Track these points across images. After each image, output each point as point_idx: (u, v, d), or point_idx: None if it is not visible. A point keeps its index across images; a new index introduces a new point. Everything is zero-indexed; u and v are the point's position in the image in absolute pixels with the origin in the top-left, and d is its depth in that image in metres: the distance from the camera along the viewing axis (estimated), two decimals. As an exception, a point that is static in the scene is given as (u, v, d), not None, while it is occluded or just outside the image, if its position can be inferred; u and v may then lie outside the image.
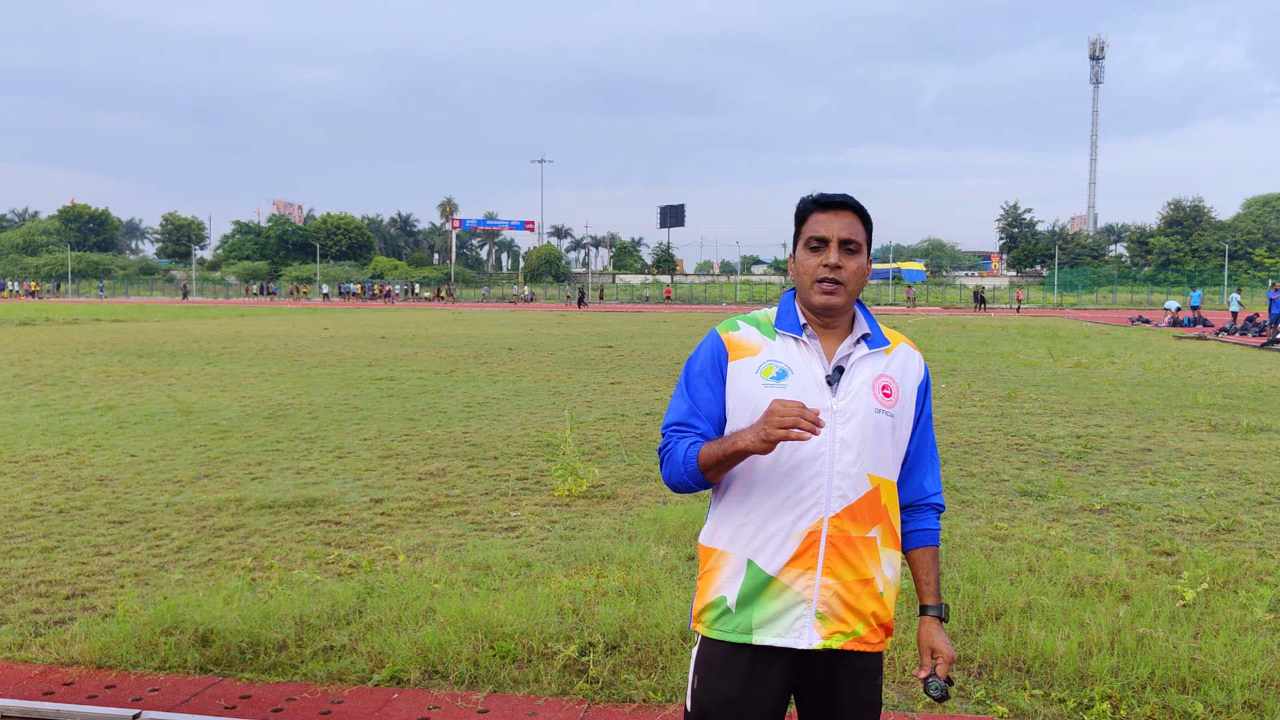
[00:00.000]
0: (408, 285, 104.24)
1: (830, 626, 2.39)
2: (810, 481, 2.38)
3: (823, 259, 2.44)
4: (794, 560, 2.38)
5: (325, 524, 7.41)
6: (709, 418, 2.48)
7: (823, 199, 2.48)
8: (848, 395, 2.42)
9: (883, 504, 2.45)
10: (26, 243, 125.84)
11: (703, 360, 2.53)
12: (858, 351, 2.48)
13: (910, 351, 2.57)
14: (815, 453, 2.38)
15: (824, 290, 2.43)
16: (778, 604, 2.39)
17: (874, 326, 2.54)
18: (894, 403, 2.47)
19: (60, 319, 41.44)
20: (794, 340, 2.47)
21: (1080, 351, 25.16)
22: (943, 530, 7.12)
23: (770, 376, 2.42)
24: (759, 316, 2.56)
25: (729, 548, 2.45)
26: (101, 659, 4.79)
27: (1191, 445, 10.96)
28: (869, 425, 2.41)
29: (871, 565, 2.42)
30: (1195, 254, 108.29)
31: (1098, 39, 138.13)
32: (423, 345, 27.36)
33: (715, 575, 2.46)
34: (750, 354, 2.47)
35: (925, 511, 2.59)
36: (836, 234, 2.44)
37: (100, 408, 13.69)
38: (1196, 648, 4.84)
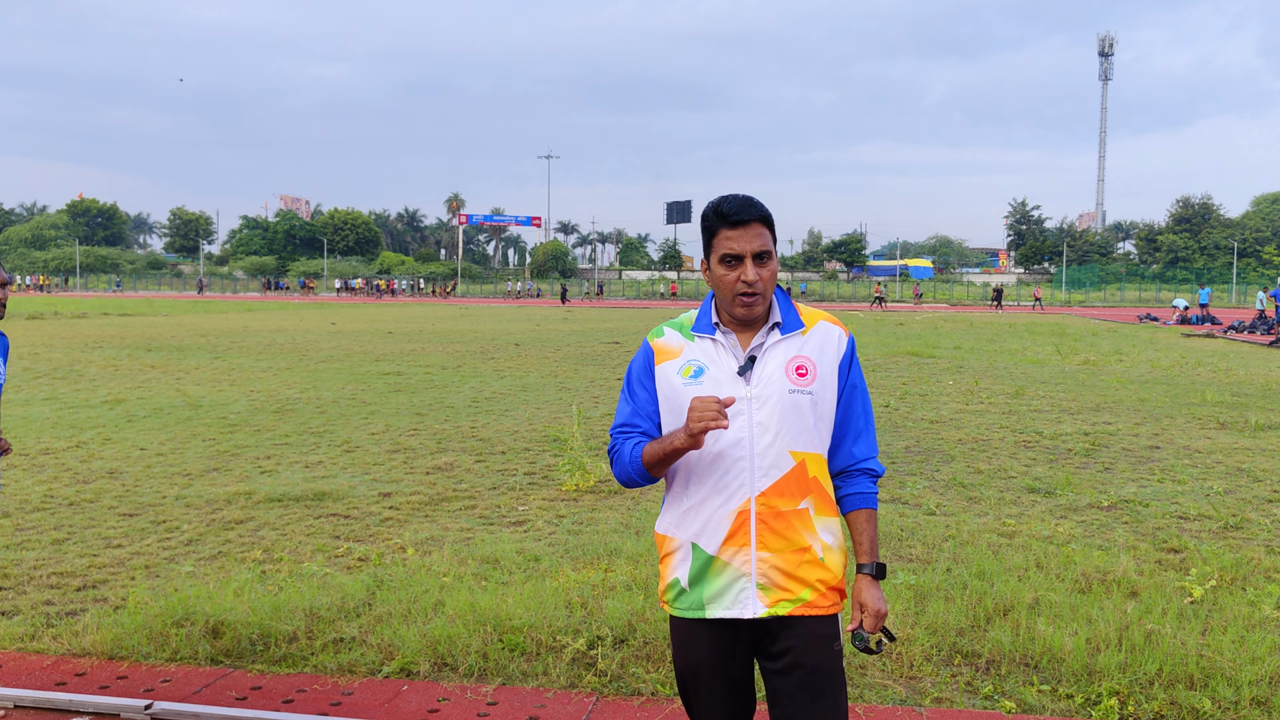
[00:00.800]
0: (414, 280, 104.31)
1: (773, 595, 2.58)
2: (734, 465, 2.58)
3: (740, 275, 2.59)
4: (729, 539, 2.59)
5: (334, 517, 7.44)
6: (648, 417, 2.72)
7: (730, 215, 2.59)
8: (761, 381, 2.60)
9: (811, 476, 2.62)
10: (35, 237, 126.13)
11: (637, 366, 2.77)
12: (770, 339, 2.65)
13: (829, 328, 2.71)
14: (736, 438, 2.57)
15: (744, 303, 2.60)
16: (722, 580, 2.60)
17: (788, 312, 2.69)
18: (810, 380, 2.62)
19: (69, 313, 41.57)
20: (709, 340, 2.67)
21: (1088, 349, 25.11)
22: (951, 526, 7.13)
23: (689, 376, 2.64)
24: (683, 320, 2.77)
25: (676, 534, 2.67)
26: (113, 650, 4.82)
27: (1200, 443, 10.95)
28: (785, 406, 2.58)
29: (806, 535, 2.60)
30: (1204, 252, 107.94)
31: (1107, 35, 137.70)
32: (430, 340, 27.41)
33: (670, 559, 2.70)
34: (672, 357, 2.69)
35: (856, 476, 2.73)
36: (749, 249, 2.58)
37: (109, 401, 13.74)
38: (1204, 644, 4.84)
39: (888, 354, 23.22)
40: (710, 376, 2.62)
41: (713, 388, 2.60)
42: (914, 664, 4.70)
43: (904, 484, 8.69)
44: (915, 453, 10.30)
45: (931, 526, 7.14)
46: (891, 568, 6.11)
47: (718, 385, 2.60)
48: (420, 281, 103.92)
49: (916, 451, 10.37)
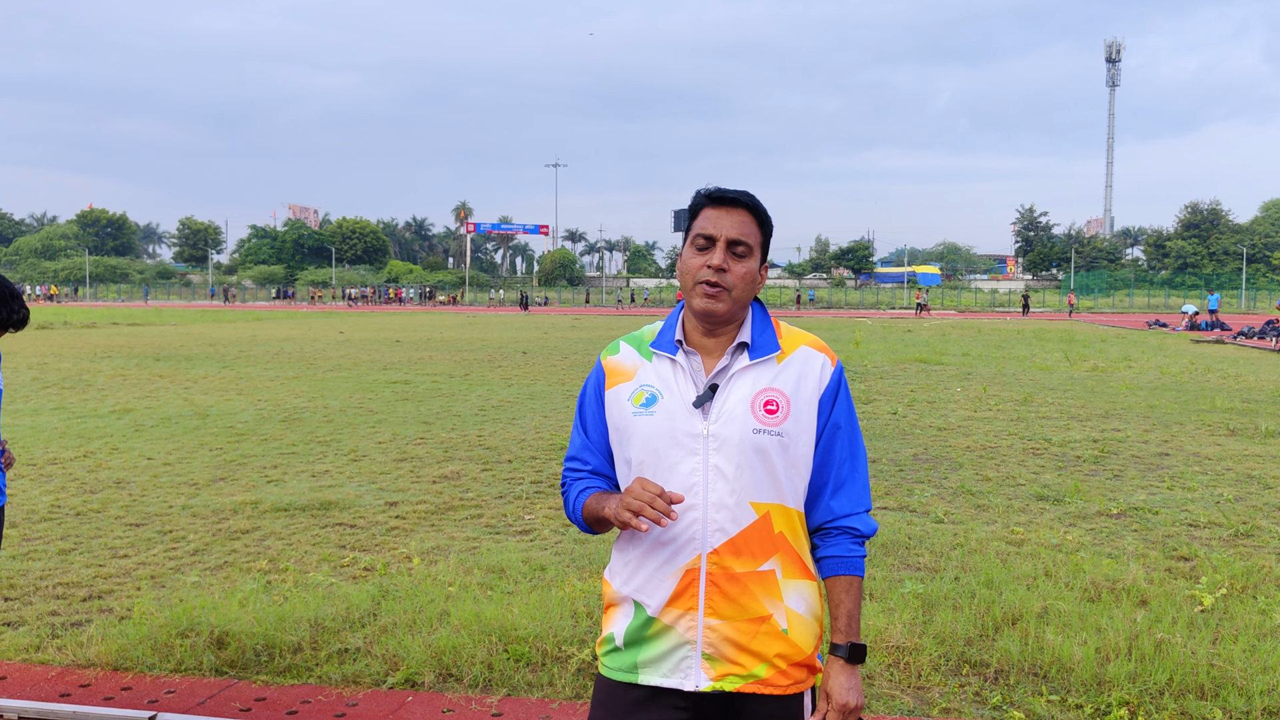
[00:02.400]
0: (422, 289, 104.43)
1: (720, 668, 2.20)
2: (684, 516, 2.19)
3: (707, 259, 2.21)
4: (673, 600, 2.21)
5: (340, 527, 7.43)
6: (600, 450, 2.36)
7: (717, 193, 2.25)
8: (720, 417, 2.20)
9: (777, 533, 2.22)
10: (45, 247, 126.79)
11: (589, 389, 2.39)
12: (736, 364, 2.24)
13: (811, 355, 2.28)
14: (688, 483, 2.18)
15: (705, 293, 2.21)
16: (662, 645, 2.23)
17: (762, 332, 2.29)
18: (781, 419, 2.20)
19: (78, 323, 41.70)
20: (669, 360, 2.27)
21: (1097, 355, 25.03)
22: (959, 534, 7.09)
23: (640, 404, 2.25)
24: (644, 335, 2.37)
25: (621, 587, 2.31)
26: (118, 661, 4.81)
27: (1209, 450, 10.89)
28: (747, 449, 2.18)
29: (768, 601, 2.20)
30: (1213, 257, 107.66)
31: (1114, 41, 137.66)
32: (437, 349, 27.43)
33: (611, 612, 2.34)
34: (625, 379, 2.30)
35: (835, 536, 2.29)
36: (725, 233, 2.22)
37: (117, 411, 13.77)
38: (1215, 654, 4.80)
39: (895, 361, 23.17)
40: (663, 407, 2.22)
41: (665, 420, 2.21)
42: (922, 674, 4.67)
43: (911, 491, 8.65)
44: (923, 460, 10.26)
45: (939, 534, 7.10)
46: (898, 576, 6.08)
47: (670, 417, 2.21)
48: (427, 289, 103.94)
49: (924, 459, 10.33)
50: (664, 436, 2.21)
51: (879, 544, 6.81)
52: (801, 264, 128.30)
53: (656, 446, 2.22)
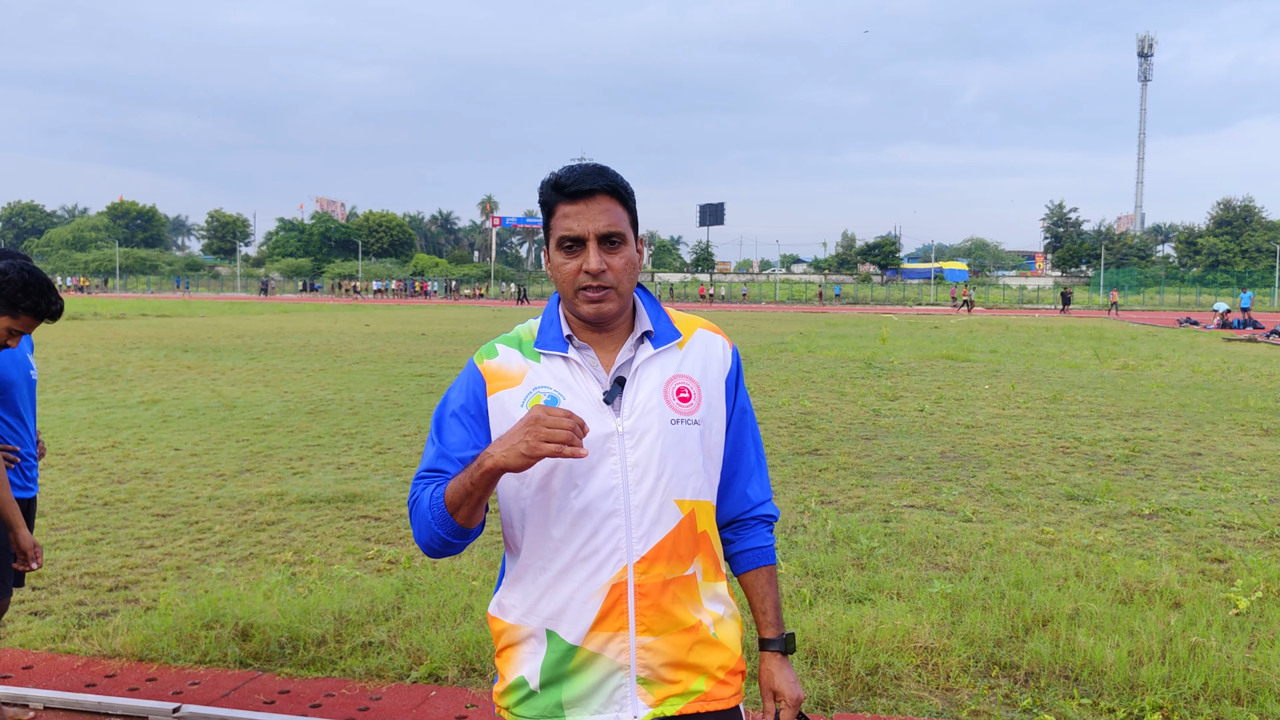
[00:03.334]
0: (447, 283, 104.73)
1: (660, 691, 2.02)
2: (605, 524, 1.99)
3: (581, 263, 2.00)
4: (599, 623, 1.99)
5: (365, 519, 7.43)
6: (463, 461, 2.02)
7: (568, 185, 2.01)
8: (635, 411, 2.01)
9: (700, 532, 2.06)
10: (76, 239, 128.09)
11: (456, 398, 2.10)
12: (641, 354, 2.07)
13: (710, 338, 2.15)
14: (606, 487, 1.98)
15: (589, 299, 2.00)
16: (589, 677, 2.00)
17: (659, 318, 2.12)
18: (695, 406, 2.06)
19: (108, 314, 42.10)
20: (560, 358, 2.06)
21: (1127, 353, 24.76)
22: (987, 533, 7.01)
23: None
24: (521, 333, 2.14)
25: (523, 619, 2.05)
26: (143, 652, 4.82)
27: (1243, 450, 10.72)
28: (668, 441, 2.01)
29: (692, 608, 2.04)
30: (1245, 255, 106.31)
31: (1146, 36, 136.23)
32: (462, 342, 27.49)
33: (512, 653, 2.08)
34: (511, 384, 2.06)
35: (753, 526, 2.18)
36: (594, 229, 1.99)
37: (145, 402, 13.86)
38: (1251, 658, 4.70)
39: (922, 358, 23.01)
40: (568, 406, 2.00)
41: None
42: (951, 675, 4.61)
43: (939, 489, 8.56)
44: (951, 458, 10.16)
45: (968, 534, 7.02)
46: (926, 575, 6.01)
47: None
48: (453, 283, 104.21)
49: (952, 457, 10.23)
50: None
51: (906, 542, 6.74)
52: (828, 259, 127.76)
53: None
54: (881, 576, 5.93)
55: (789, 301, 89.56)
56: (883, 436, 11.43)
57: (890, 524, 7.34)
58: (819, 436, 11.27)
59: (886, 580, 5.85)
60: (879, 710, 4.31)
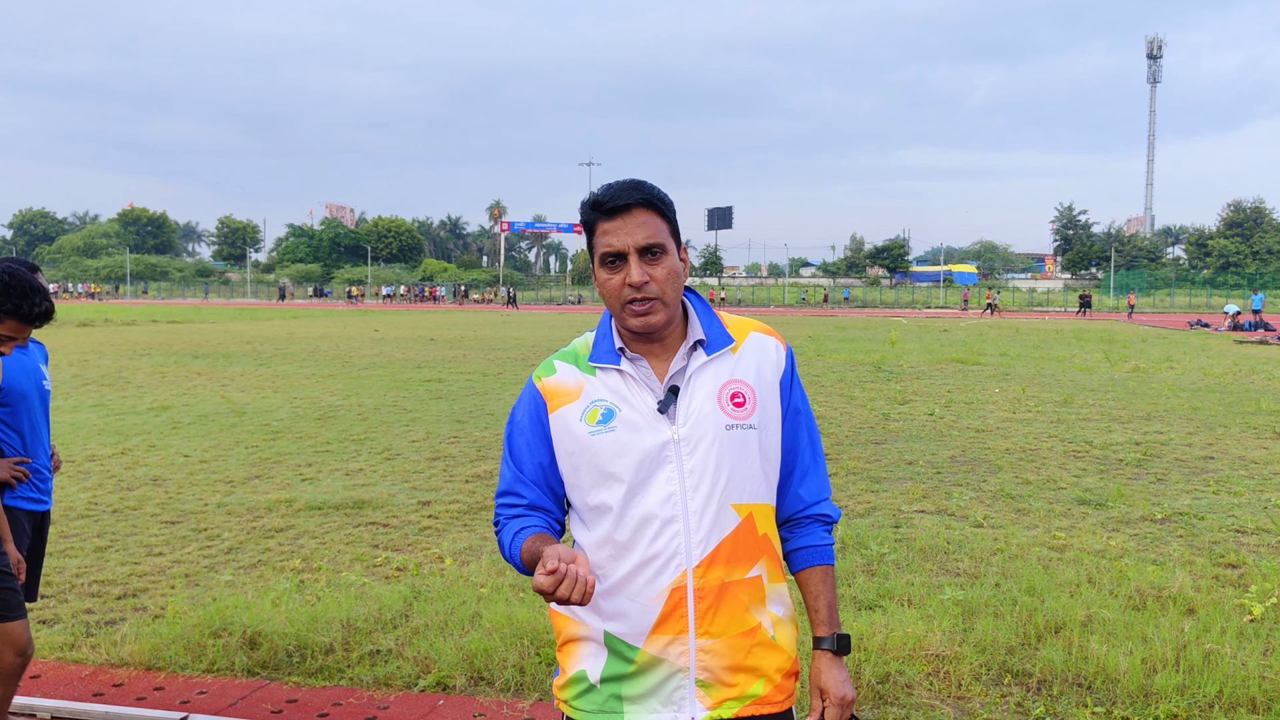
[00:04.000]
0: (456, 287, 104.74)
1: (718, 694, 2.05)
2: (664, 530, 2.04)
3: (624, 277, 2.05)
4: (659, 626, 2.04)
5: (373, 526, 7.42)
6: (536, 483, 2.16)
7: (605, 201, 2.06)
8: (689, 419, 2.06)
9: (761, 534, 2.11)
10: (87, 245, 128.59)
11: (521, 417, 2.19)
12: (694, 362, 2.11)
13: (763, 340, 2.18)
14: (664, 494, 2.04)
15: (636, 312, 2.05)
16: (649, 679, 2.05)
17: (711, 325, 2.16)
18: (750, 410, 2.09)
19: (119, 320, 42.23)
20: (615, 371, 2.11)
21: (1138, 356, 24.64)
22: (999, 539, 6.96)
23: (596, 422, 2.08)
24: (577, 348, 2.19)
25: (585, 618, 2.10)
26: (151, 660, 4.81)
27: (1256, 453, 10.65)
28: (724, 447, 2.06)
29: (755, 610, 2.08)
30: (1256, 256, 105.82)
31: (1155, 38, 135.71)
32: (471, 347, 27.50)
33: (573, 649, 2.14)
34: (570, 400, 2.12)
35: (808, 525, 2.21)
36: (633, 243, 2.04)
37: (155, 408, 13.89)
38: (1266, 665, 4.65)
39: (931, 361, 22.94)
40: (623, 420, 2.06)
41: (628, 433, 2.05)
42: (962, 683, 4.57)
43: (950, 494, 8.52)
44: (961, 462, 10.11)
45: (979, 539, 6.98)
46: (937, 582, 5.97)
47: (634, 429, 2.05)
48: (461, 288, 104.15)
49: (962, 461, 10.18)
50: (631, 451, 2.05)
51: (917, 548, 6.70)
52: (836, 263, 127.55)
53: (625, 462, 2.05)
54: (892, 583, 5.89)
55: (798, 305, 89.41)
56: (892, 441, 11.38)
57: (900, 529, 7.30)
58: (828, 441, 11.23)
59: (897, 587, 5.81)
60: (890, 718, 4.28)
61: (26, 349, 3.92)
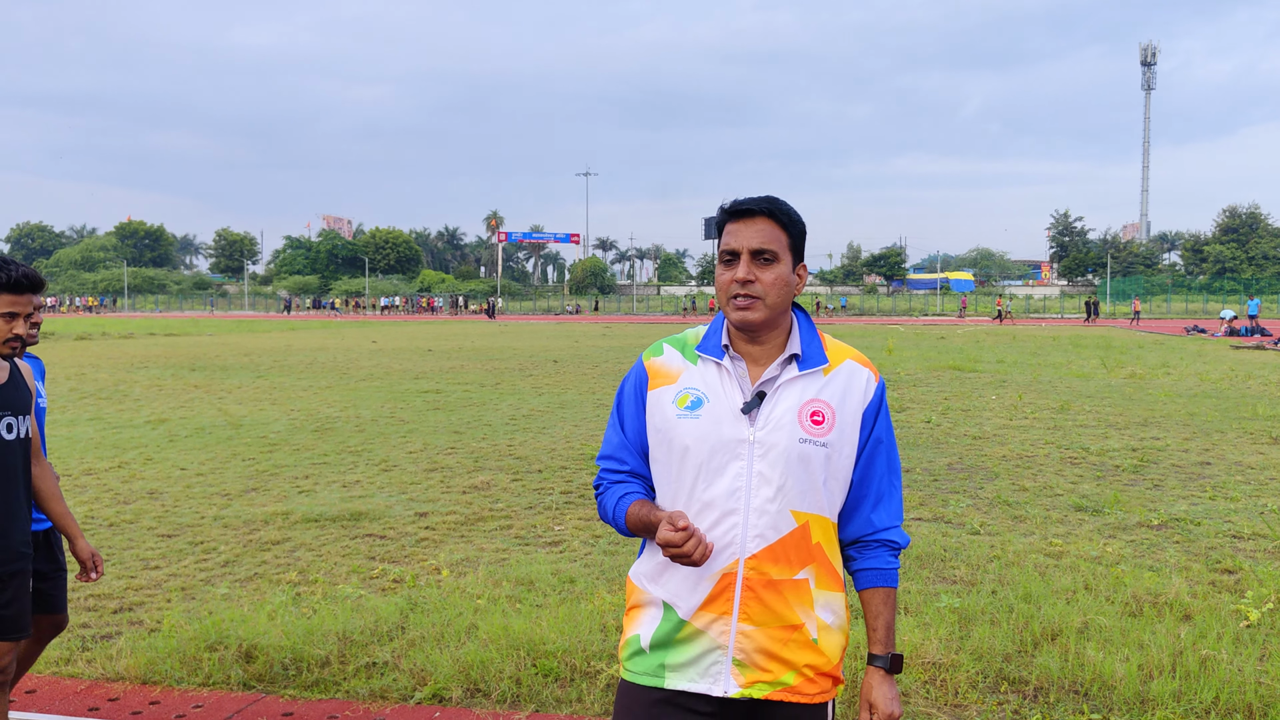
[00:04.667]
0: (452, 299, 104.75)
1: (750, 675, 2.22)
2: (724, 519, 2.22)
3: (734, 273, 2.26)
4: (707, 604, 2.23)
5: (370, 538, 7.41)
6: (638, 450, 2.38)
7: (734, 206, 2.29)
8: (768, 425, 2.23)
9: (814, 543, 2.26)
10: (84, 259, 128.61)
11: (628, 389, 2.40)
12: (785, 374, 2.28)
13: (856, 369, 2.34)
14: (731, 488, 2.22)
15: (738, 306, 2.25)
16: (692, 649, 2.25)
17: (810, 343, 2.32)
18: (827, 430, 2.25)
19: (116, 333, 42.21)
20: (715, 364, 2.30)
21: (1134, 362, 24.67)
22: (995, 546, 6.97)
23: (685, 406, 2.27)
24: (687, 337, 2.40)
25: (648, 587, 2.33)
26: (146, 675, 4.80)
27: (1252, 458, 10.66)
28: (792, 457, 2.22)
29: (800, 610, 2.24)
30: (1252, 262, 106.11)
31: (1149, 45, 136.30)
32: (469, 358, 27.50)
33: (636, 614, 2.36)
34: (669, 381, 2.32)
35: (874, 549, 2.35)
36: (747, 244, 2.25)
37: (152, 421, 13.88)
38: (1263, 671, 4.66)
39: (929, 369, 22.95)
40: (709, 411, 2.25)
41: (711, 424, 2.24)
42: (959, 691, 4.57)
43: (946, 502, 8.52)
44: (958, 470, 10.11)
45: (975, 546, 6.98)
46: (934, 589, 5.97)
47: (717, 422, 2.24)
48: (458, 299, 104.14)
49: (959, 469, 10.19)
50: (709, 440, 2.23)
51: (913, 556, 6.70)
52: (833, 271, 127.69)
53: (701, 450, 2.24)
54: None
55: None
56: (889, 449, 11.37)
57: (897, 537, 7.29)
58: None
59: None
60: (886, 727, 4.27)
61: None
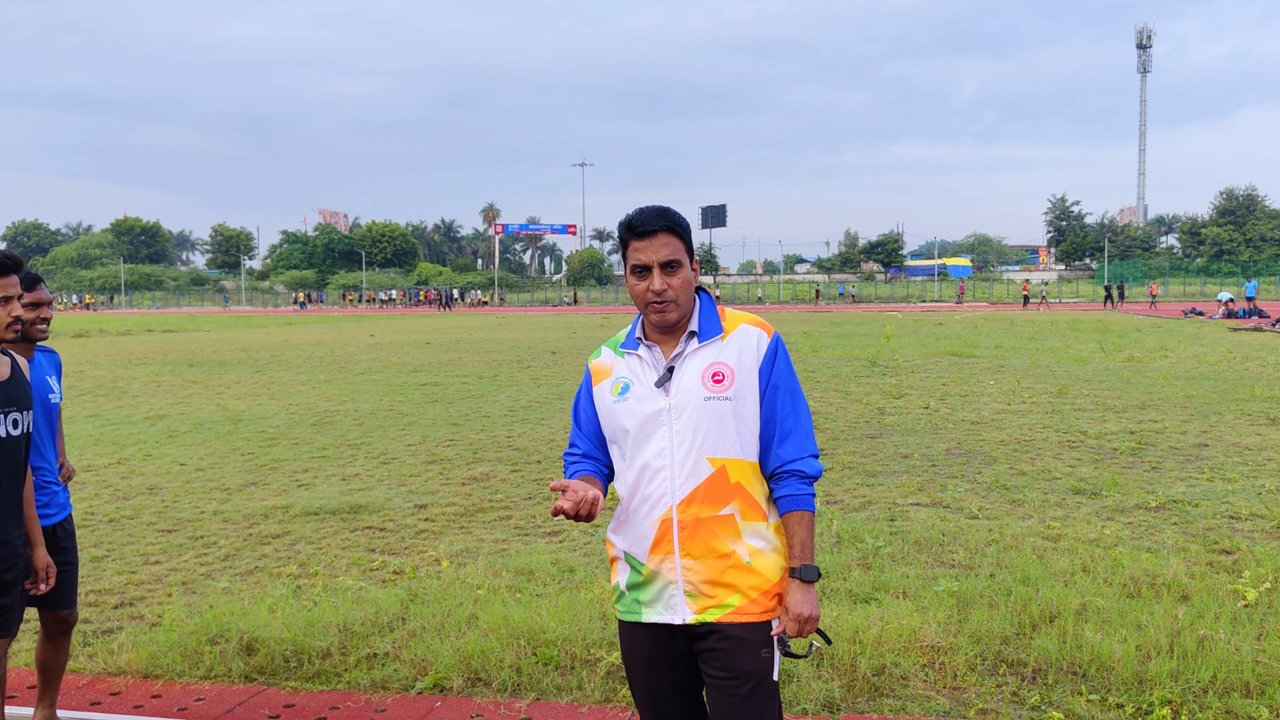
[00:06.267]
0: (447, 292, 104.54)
1: (701, 602, 2.64)
2: (656, 475, 2.66)
3: (649, 285, 2.66)
4: (655, 547, 2.67)
5: (370, 530, 7.43)
6: (589, 437, 2.85)
7: (636, 226, 2.67)
8: (679, 393, 2.67)
9: (733, 482, 2.66)
10: (81, 256, 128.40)
11: (581, 389, 2.89)
12: (689, 348, 2.71)
13: (749, 330, 2.73)
14: (658, 449, 2.67)
15: (656, 310, 2.68)
16: (654, 587, 2.69)
17: (708, 319, 2.74)
18: (727, 386, 2.66)
19: (114, 330, 42.17)
20: (635, 355, 2.76)
21: (1132, 345, 24.69)
22: (993, 530, 6.98)
23: (617, 393, 2.74)
24: (618, 337, 2.86)
25: (615, 540, 2.79)
26: (148, 668, 4.82)
27: (1250, 440, 10.68)
28: (701, 414, 2.64)
29: (729, 540, 2.64)
30: (1249, 244, 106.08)
31: (1144, 27, 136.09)
32: (467, 350, 27.49)
33: (614, 565, 2.82)
34: (605, 376, 2.80)
35: (785, 479, 2.70)
36: (656, 259, 2.65)
37: (151, 417, 13.88)
38: (1260, 650, 4.68)
39: (927, 354, 22.96)
40: (634, 393, 2.72)
41: (636, 403, 2.70)
42: (958, 674, 4.58)
43: (945, 487, 8.54)
44: (956, 455, 10.13)
45: (974, 531, 6.99)
46: (933, 574, 5.99)
47: (640, 399, 2.70)
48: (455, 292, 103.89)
49: (957, 454, 10.20)
50: (638, 415, 2.69)
51: (912, 541, 6.72)
52: (831, 259, 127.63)
53: (634, 424, 2.69)
54: (887, 576, 5.91)
55: (793, 302, 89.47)
56: (888, 435, 11.40)
57: (896, 523, 7.32)
58: (824, 436, 11.25)
59: (892, 580, 5.83)
60: (886, 711, 4.29)
61: (31, 363, 3.89)
